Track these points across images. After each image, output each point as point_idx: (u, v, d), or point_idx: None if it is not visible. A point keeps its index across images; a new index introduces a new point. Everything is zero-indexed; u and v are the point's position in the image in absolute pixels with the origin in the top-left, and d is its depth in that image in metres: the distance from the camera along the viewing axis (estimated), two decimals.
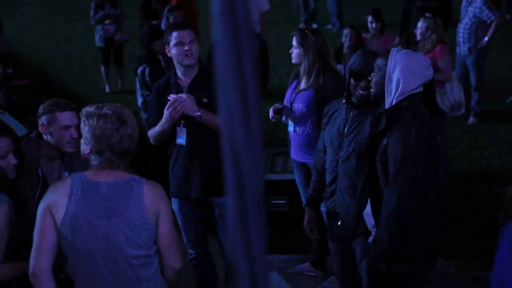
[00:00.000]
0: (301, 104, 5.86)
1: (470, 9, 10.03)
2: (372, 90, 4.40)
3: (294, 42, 5.88)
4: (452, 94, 7.76)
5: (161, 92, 5.42)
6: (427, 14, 9.62)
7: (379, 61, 4.36)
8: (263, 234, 1.50)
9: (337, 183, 4.82)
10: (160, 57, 7.96)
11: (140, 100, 7.98)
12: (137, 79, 7.95)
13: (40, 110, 4.35)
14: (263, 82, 9.03)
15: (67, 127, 4.30)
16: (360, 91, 4.74)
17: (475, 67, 10.12)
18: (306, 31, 5.88)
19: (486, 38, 9.98)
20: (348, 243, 4.86)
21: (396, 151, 4.17)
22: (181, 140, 5.35)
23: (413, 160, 4.15)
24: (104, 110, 3.54)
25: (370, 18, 8.87)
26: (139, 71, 7.86)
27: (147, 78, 7.75)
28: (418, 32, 7.98)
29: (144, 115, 7.92)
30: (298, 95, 5.90)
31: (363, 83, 4.71)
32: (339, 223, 4.85)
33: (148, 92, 7.73)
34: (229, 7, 1.45)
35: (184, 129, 5.32)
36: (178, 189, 5.49)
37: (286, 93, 6.09)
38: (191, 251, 5.61)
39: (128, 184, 3.53)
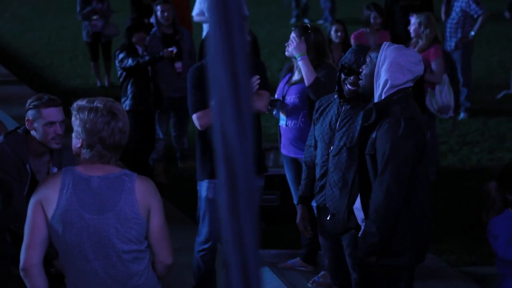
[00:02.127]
0: (293, 96, 5.86)
1: (457, 3, 10.07)
2: (361, 82, 4.41)
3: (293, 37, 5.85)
4: (440, 97, 7.77)
5: (203, 76, 5.30)
6: (411, 14, 9.66)
7: (371, 54, 4.37)
8: (255, 227, 1.50)
9: (327, 177, 4.82)
10: (138, 48, 8.08)
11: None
12: (116, 64, 8.13)
13: (26, 105, 4.34)
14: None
15: (51, 123, 4.28)
16: (349, 86, 4.75)
17: (462, 62, 10.15)
18: (308, 26, 5.88)
19: (472, 33, 10.03)
20: (338, 238, 4.87)
21: (384, 145, 4.18)
22: None
23: (401, 153, 4.16)
24: (95, 103, 3.53)
25: (374, 14, 8.91)
26: (116, 55, 8.10)
27: (120, 58, 7.99)
28: (411, 28, 7.96)
29: (123, 99, 8.11)
30: (291, 88, 5.91)
31: (352, 78, 4.71)
32: (328, 218, 4.85)
33: (123, 77, 8.04)
34: (222, 1, 1.44)
35: None
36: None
37: (278, 86, 6.08)
38: (206, 245, 5.45)
39: (119, 178, 3.53)
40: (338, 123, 4.81)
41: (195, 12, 10.39)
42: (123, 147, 3.60)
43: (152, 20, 8.99)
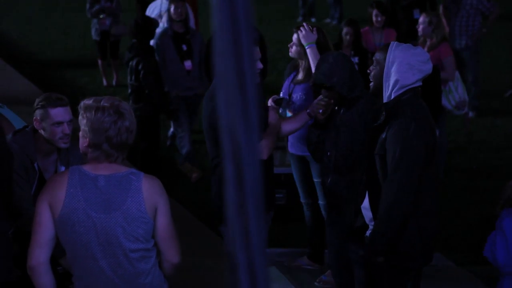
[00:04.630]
0: (300, 93, 5.85)
1: (467, 1, 9.98)
2: (371, 84, 4.41)
3: (295, 40, 5.84)
4: (457, 93, 7.78)
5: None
6: (415, 11, 9.62)
7: (378, 55, 4.35)
8: (262, 225, 1.50)
9: None
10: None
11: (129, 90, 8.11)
12: (128, 69, 8.05)
13: (34, 104, 4.36)
14: (261, 75, 9.01)
15: (59, 123, 4.30)
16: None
17: (472, 61, 10.10)
18: (311, 26, 5.86)
19: (485, 30, 9.97)
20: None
21: (394, 145, 4.17)
22: None
23: (411, 154, 4.15)
24: (102, 103, 3.53)
25: (375, 12, 8.88)
26: (133, 63, 7.95)
27: (141, 73, 7.86)
28: (420, 27, 7.93)
29: (132, 106, 8.03)
30: (297, 86, 5.91)
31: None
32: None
33: (137, 84, 7.88)
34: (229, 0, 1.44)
35: None
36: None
37: (284, 85, 6.08)
38: None
39: (126, 177, 3.53)
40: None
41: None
42: (130, 146, 3.60)
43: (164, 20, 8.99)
